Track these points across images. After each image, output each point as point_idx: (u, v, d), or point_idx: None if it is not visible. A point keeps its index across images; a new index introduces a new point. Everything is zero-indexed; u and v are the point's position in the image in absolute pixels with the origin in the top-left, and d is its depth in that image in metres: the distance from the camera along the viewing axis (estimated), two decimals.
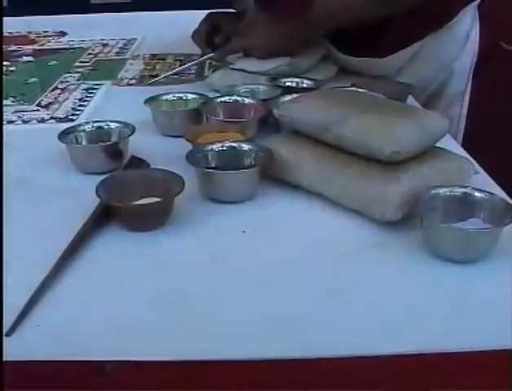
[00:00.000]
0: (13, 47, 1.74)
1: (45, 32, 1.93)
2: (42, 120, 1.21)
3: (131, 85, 1.40)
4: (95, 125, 1.03)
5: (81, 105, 1.27)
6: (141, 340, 0.64)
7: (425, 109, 1.16)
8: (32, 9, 2.13)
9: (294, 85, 1.24)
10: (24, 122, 1.20)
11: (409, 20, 1.28)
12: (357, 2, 1.22)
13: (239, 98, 1.11)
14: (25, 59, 1.64)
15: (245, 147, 0.92)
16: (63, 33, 1.90)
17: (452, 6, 1.31)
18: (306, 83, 1.24)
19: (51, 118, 1.21)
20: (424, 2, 1.22)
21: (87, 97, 1.32)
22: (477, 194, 0.80)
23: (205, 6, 1.57)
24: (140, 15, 2.06)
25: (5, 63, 1.58)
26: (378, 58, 1.34)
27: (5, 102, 1.30)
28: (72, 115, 1.22)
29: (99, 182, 0.84)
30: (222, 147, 0.92)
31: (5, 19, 1.66)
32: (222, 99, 1.12)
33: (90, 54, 1.67)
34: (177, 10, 1.95)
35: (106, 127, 1.02)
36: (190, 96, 1.16)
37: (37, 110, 1.26)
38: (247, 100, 1.11)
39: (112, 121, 1.03)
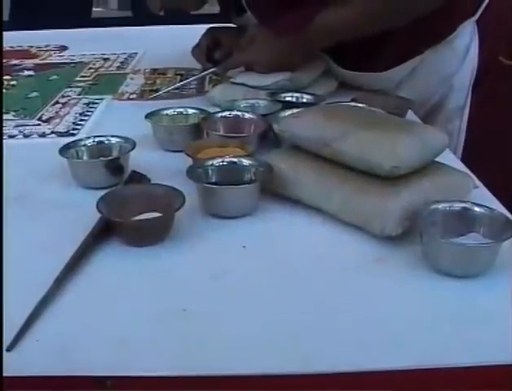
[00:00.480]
0: (14, 61, 1.75)
1: (46, 46, 1.94)
2: (43, 135, 1.21)
3: (132, 99, 1.41)
4: (96, 139, 1.03)
5: (82, 119, 1.27)
6: (141, 355, 0.64)
7: (425, 124, 1.16)
8: (33, 23, 2.14)
9: (294, 99, 1.24)
10: (25, 136, 1.21)
11: (409, 35, 1.29)
12: (357, 17, 1.22)
13: (239, 113, 1.12)
14: (26, 73, 1.64)
15: (246, 162, 0.93)
16: (64, 48, 1.91)
17: (451, 20, 1.31)
18: (306, 98, 1.24)
19: (52, 133, 1.22)
20: (423, 16, 1.22)
21: (88, 111, 1.32)
22: (476, 209, 0.80)
23: (205, 21, 1.58)
24: (141, 30, 2.06)
25: (6, 77, 1.58)
26: (378, 72, 1.35)
27: (6, 116, 1.30)
28: (73, 129, 1.22)
29: (100, 197, 0.84)
30: (222, 162, 0.93)
31: (6, 33, 1.66)
32: (223, 114, 1.12)
33: (90, 68, 1.67)
34: (177, 25, 1.96)
35: (107, 142, 1.03)
36: (190, 111, 1.17)
37: (38, 124, 1.26)
38: (247, 115, 1.11)
39: (112, 136, 1.03)
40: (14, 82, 1.55)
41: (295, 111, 1.04)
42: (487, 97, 1.36)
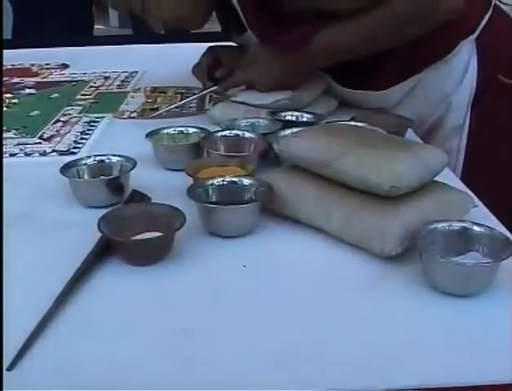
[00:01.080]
0: (16, 79, 1.75)
1: (47, 64, 1.94)
2: (44, 153, 1.21)
3: (133, 118, 1.41)
4: (97, 158, 1.04)
5: (82, 138, 1.28)
6: (141, 374, 0.64)
7: (425, 143, 1.17)
8: (34, 41, 2.15)
9: (294, 118, 1.24)
10: (27, 155, 1.21)
11: (408, 53, 1.29)
12: (356, 36, 1.23)
13: (239, 133, 1.12)
14: (28, 91, 1.65)
15: (246, 181, 0.93)
16: (65, 66, 1.92)
17: (450, 39, 1.32)
18: (306, 117, 1.24)
19: (53, 151, 1.22)
20: (422, 35, 1.23)
21: (89, 130, 1.33)
22: (476, 228, 0.81)
23: (206, 40, 1.59)
24: (142, 48, 2.07)
25: (7, 95, 1.59)
26: (377, 91, 1.35)
27: (7, 134, 1.31)
28: (74, 148, 1.23)
29: (101, 216, 0.85)
30: (222, 181, 0.93)
31: (8, 51, 1.68)
32: (223, 133, 1.12)
33: (91, 86, 1.68)
34: (178, 43, 1.97)
35: (107, 161, 1.03)
36: (191, 130, 1.17)
37: (39, 143, 1.27)
38: (247, 134, 1.11)
39: (113, 155, 1.04)
40: (15, 100, 1.56)
41: (295, 130, 1.05)
42: (487, 115, 1.36)
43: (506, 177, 1.33)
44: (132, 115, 1.43)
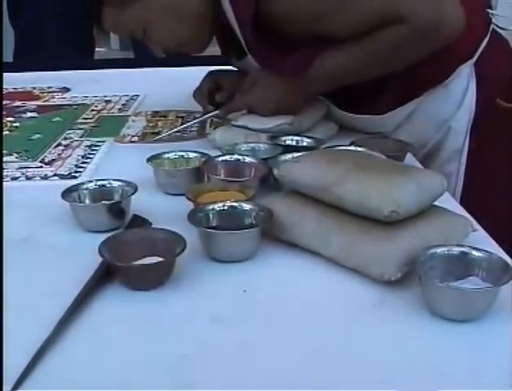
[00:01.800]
0: (17, 103, 1.76)
1: (49, 87, 1.95)
2: (46, 177, 1.22)
3: (133, 142, 1.42)
4: (98, 183, 1.04)
5: (84, 162, 1.28)
6: None
7: (424, 168, 1.17)
8: (36, 65, 2.16)
9: (295, 143, 1.25)
10: (28, 179, 1.22)
11: (407, 78, 1.30)
12: (355, 61, 1.24)
13: (240, 157, 1.13)
14: (29, 114, 1.66)
15: (246, 206, 0.94)
16: (66, 89, 1.93)
17: (448, 63, 1.33)
18: (306, 141, 1.25)
19: (55, 175, 1.23)
20: (421, 60, 1.24)
21: (90, 154, 1.33)
22: (475, 253, 0.81)
23: (207, 63, 1.60)
24: (143, 72, 2.08)
25: (9, 119, 1.60)
26: (377, 115, 1.36)
27: (9, 158, 1.32)
28: (76, 172, 1.23)
29: (102, 241, 0.85)
30: (223, 206, 0.94)
31: (9, 74, 1.69)
32: (224, 158, 1.13)
33: (93, 110, 1.69)
34: (179, 67, 1.98)
35: (108, 185, 1.04)
36: (192, 155, 1.18)
37: (41, 167, 1.27)
38: (248, 159, 1.12)
39: (114, 180, 1.04)
40: (17, 124, 1.57)
41: (295, 155, 1.06)
42: (486, 139, 1.37)
43: (506, 201, 1.34)
44: (133, 139, 1.43)
